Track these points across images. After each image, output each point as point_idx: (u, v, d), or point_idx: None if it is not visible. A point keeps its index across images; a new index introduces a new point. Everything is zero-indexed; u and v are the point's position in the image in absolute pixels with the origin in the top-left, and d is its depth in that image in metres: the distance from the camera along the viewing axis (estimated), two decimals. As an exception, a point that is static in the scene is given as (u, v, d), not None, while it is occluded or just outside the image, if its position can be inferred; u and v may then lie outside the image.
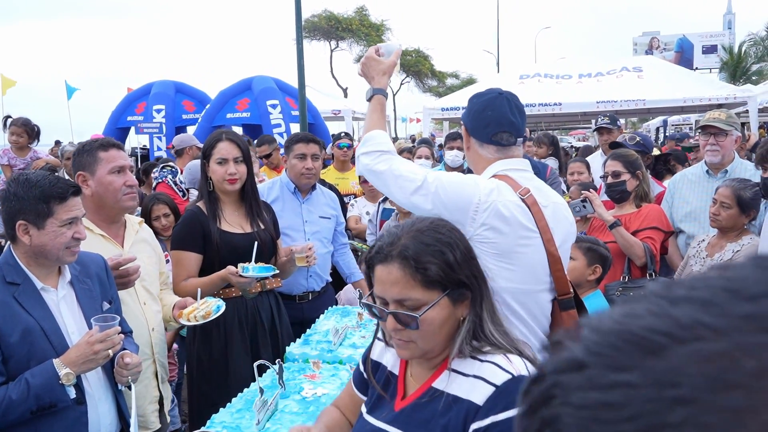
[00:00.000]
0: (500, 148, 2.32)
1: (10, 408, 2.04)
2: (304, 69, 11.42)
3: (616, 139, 5.22)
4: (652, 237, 3.72)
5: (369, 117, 2.53)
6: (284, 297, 3.72)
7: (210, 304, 2.84)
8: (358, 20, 36.38)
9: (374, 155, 2.33)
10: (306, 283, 3.85)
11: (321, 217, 4.02)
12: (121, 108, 15.70)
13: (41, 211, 2.19)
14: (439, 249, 1.50)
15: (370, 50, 2.62)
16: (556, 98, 12.29)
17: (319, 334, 3.30)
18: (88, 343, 2.16)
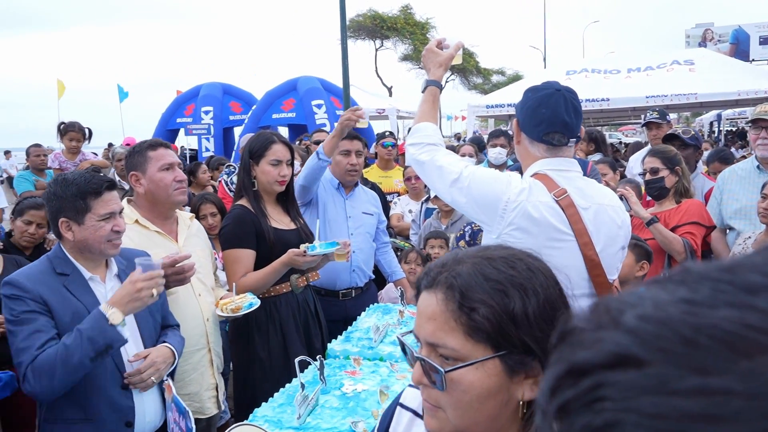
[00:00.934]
0: (551, 147, 2.26)
1: (68, 355, 2.11)
2: (348, 69, 11.49)
3: (665, 134, 5.10)
4: (692, 232, 3.62)
5: (420, 108, 2.56)
6: (327, 293, 3.78)
7: (244, 299, 2.91)
8: (402, 19, 36.33)
9: (420, 146, 2.39)
10: (349, 278, 3.90)
11: (364, 213, 4.08)
12: (171, 110, 16.09)
13: (79, 208, 2.32)
14: (502, 289, 1.04)
15: (432, 42, 2.64)
16: (604, 93, 12.04)
17: (361, 331, 3.33)
18: (131, 282, 2.24)
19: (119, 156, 6.96)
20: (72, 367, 2.11)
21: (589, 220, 2.18)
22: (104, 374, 2.30)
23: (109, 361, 2.31)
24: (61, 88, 19.17)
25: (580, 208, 2.18)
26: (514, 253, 1.11)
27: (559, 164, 2.26)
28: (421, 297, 1.12)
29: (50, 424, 2.28)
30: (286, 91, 14.14)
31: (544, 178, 2.22)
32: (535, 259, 1.11)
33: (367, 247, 4.05)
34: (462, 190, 2.25)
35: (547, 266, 1.12)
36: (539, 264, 1.11)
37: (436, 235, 4.77)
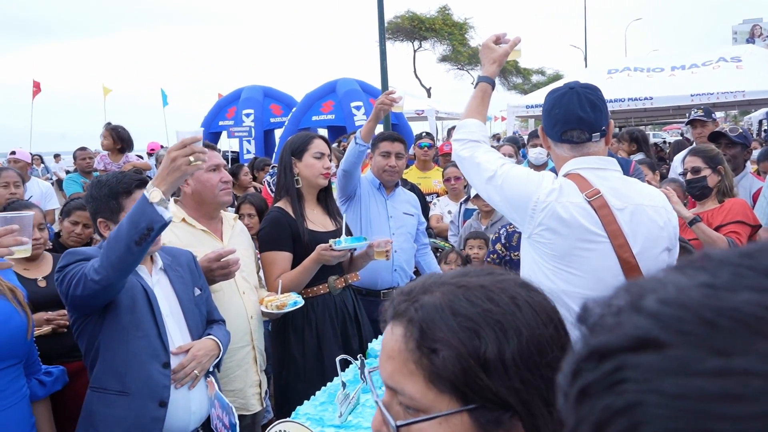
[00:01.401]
0: (573, 146, 2.24)
1: (116, 241, 2.13)
2: (387, 70, 11.54)
3: (710, 132, 4.98)
4: (737, 231, 3.52)
5: (468, 103, 2.58)
6: (369, 292, 3.81)
7: (289, 297, 2.95)
8: (441, 20, 36.25)
9: (462, 142, 2.42)
10: (391, 277, 3.92)
11: (405, 214, 4.11)
12: (213, 113, 16.38)
13: (113, 207, 2.42)
14: (472, 327, 0.82)
15: (490, 37, 2.62)
16: (646, 92, 11.83)
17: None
18: (166, 156, 2.23)
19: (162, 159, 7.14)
20: (120, 254, 2.12)
21: (625, 221, 2.12)
22: (147, 349, 2.34)
23: (153, 338, 2.36)
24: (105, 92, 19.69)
25: (615, 209, 2.12)
26: (498, 281, 0.87)
27: (592, 162, 2.22)
28: (385, 330, 0.90)
29: (93, 391, 2.35)
30: (325, 93, 14.25)
31: (577, 177, 2.19)
32: (526, 289, 0.88)
33: (408, 247, 4.08)
34: (496, 188, 2.27)
35: (542, 298, 0.89)
36: (531, 295, 0.87)
37: (476, 236, 4.76)
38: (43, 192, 6.19)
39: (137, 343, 2.32)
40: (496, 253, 4.44)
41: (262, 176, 7.16)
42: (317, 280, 3.23)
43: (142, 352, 2.33)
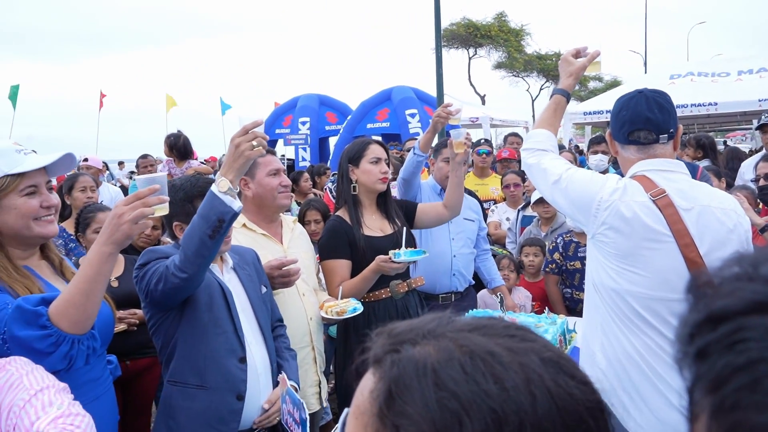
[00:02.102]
0: (641, 147, 2.26)
1: (191, 237, 2.21)
2: (442, 77, 11.58)
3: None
4: (810, 239, 3.41)
5: (541, 114, 2.67)
6: (428, 296, 3.83)
7: (349, 304, 3.00)
8: (497, 26, 36.07)
9: (530, 151, 2.51)
10: (449, 282, 3.94)
11: (465, 219, 4.11)
12: (270, 121, 16.66)
13: (189, 210, 2.47)
14: (456, 410, 0.57)
15: (570, 50, 2.67)
16: (711, 98, 11.52)
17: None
18: (230, 142, 2.30)
19: (224, 166, 7.34)
20: (196, 248, 2.19)
21: (692, 221, 2.11)
22: (225, 345, 2.44)
23: (231, 335, 2.45)
24: (170, 102, 20.31)
25: (681, 209, 2.13)
26: (518, 351, 0.61)
27: (659, 164, 2.23)
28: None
29: (171, 385, 2.43)
30: (380, 101, 14.37)
31: (643, 178, 2.22)
32: (557, 369, 0.61)
33: (467, 252, 4.09)
34: (561, 191, 2.33)
35: (578, 388, 0.60)
36: (560, 381, 0.60)
37: (532, 242, 4.73)
38: (113, 196, 6.47)
39: (216, 340, 2.42)
40: (554, 263, 4.41)
41: (322, 182, 7.27)
42: (379, 284, 3.26)
43: (220, 348, 2.42)
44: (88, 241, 3.66)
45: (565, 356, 0.63)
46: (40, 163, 2.05)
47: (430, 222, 3.59)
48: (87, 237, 3.68)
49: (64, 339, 1.85)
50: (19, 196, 2.01)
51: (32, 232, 2.05)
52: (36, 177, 2.05)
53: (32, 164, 2.03)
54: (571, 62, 2.61)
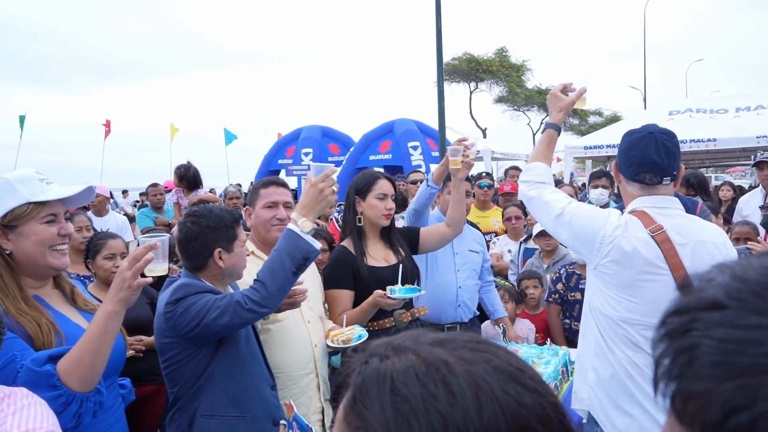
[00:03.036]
0: (644, 186, 2.41)
1: (274, 274, 2.34)
2: (444, 111, 11.71)
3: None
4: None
5: (536, 148, 2.81)
6: (433, 326, 3.86)
7: (354, 331, 3.04)
8: (498, 61, 36.51)
9: (530, 184, 2.63)
10: (455, 312, 3.99)
11: (470, 251, 4.19)
12: (273, 152, 16.85)
13: (230, 236, 2.55)
14: (406, 413, 0.62)
15: (558, 86, 2.81)
16: (710, 134, 11.64)
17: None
18: (312, 186, 2.46)
19: (230, 194, 7.42)
20: (281, 284, 2.34)
21: (686, 255, 2.28)
22: (261, 375, 2.53)
23: (263, 364, 2.56)
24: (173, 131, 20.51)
25: (677, 244, 2.29)
26: (470, 361, 0.66)
27: (657, 202, 2.40)
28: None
29: (206, 419, 2.44)
30: (382, 134, 14.52)
31: (642, 214, 2.37)
32: (512, 381, 0.65)
33: (472, 284, 4.14)
34: (564, 224, 2.47)
35: (531, 398, 0.64)
36: (509, 390, 0.64)
37: (530, 275, 4.80)
38: (119, 225, 6.55)
39: (254, 371, 2.51)
40: (557, 293, 4.47)
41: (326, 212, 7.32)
42: (384, 313, 3.31)
43: (258, 377, 2.52)
44: (97, 267, 3.72)
45: (523, 367, 0.67)
46: (62, 194, 2.12)
47: (435, 243, 3.65)
48: (97, 263, 3.73)
49: (74, 398, 1.89)
50: (39, 224, 2.07)
51: (46, 261, 2.09)
52: (56, 206, 2.12)
53: (55, 194, 2.10)
54: (560, 98, 2.76)
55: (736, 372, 0.45)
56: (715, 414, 0.46)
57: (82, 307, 2.24)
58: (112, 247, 3.75)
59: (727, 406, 0.45)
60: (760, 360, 0.44)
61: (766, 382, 0.44)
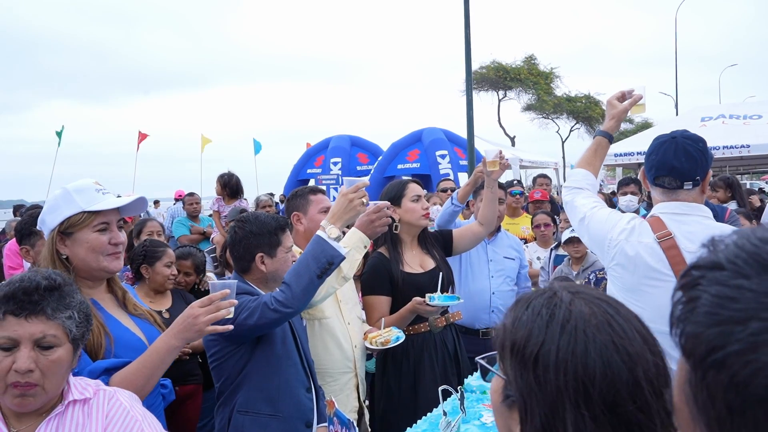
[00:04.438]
0: (665, 190, 2.45)
1: (298, 275, 2.48)
2: (473, 119, 11.72)
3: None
4: None
5: (583, 154, 2.88)
6: (468, 331, 3.97)
7: (391, 333, 3.15)
8: (526, 69, 36.36)
9: (568, 189, 2.74)
10: (488, 317, 4.11)
11: (505, 258, 4.31)
12: (302, 161, 16.99)
13: (273, 242, 2.72)
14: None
15: (615, 93, 2.82)
16: (743, 140, 11.54)
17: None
18: (342, 196, 2.64)
19: (263, 203, 7.59)
20: (305, 286, 2.47)
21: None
22: (296, 376, 2.65)
23: (299, 366, 2.66)
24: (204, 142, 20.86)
25: (686, 251, 2.31)
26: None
27: (675, 208, 2.42)
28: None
29: (242, 415, 2.59)
30: (411, 142, 14.59)
31: (655, 220, 2.42)
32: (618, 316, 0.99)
33: (507, 290, 4.24)
34: (585, 228, 2.59)
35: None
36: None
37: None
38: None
39: (288, 371, 2.63)
40: (586, 299, 4.51)
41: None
42: (418, 318, 3.41)
43: (292, 378, 2.64)
44: (155, 272, 3.81)
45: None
46: (114, 204, 2.26)
47: (469, 243, 3.76)
48: (155, 268, 3.81)
49: None
50: (91, 232, 2.21)
51: (99, 265, 2.23)
52: (109, 215, 2.25)
53: (107, 204, 2.24)
54: (614, 105, 2.78)
55: (719, 320, 0.58)
56: (701, 351, 0.59)
57: (132, 312, 2.37)
58: (171, 256, 3.90)
59: (709, 346, 0.58)
60: (735, 313, 0.57)
61: (737, 330, 0.56)
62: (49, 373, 1.69)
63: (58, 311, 1.71)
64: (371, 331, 3.24)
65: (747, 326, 0.56)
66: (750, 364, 0.55)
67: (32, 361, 1.66)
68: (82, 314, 1.78)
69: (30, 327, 1.67)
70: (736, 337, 0.56)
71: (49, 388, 1.70)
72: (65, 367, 1.74)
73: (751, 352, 0.55)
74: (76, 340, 1.76)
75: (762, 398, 0.55)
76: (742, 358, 0.56)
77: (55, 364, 1.70)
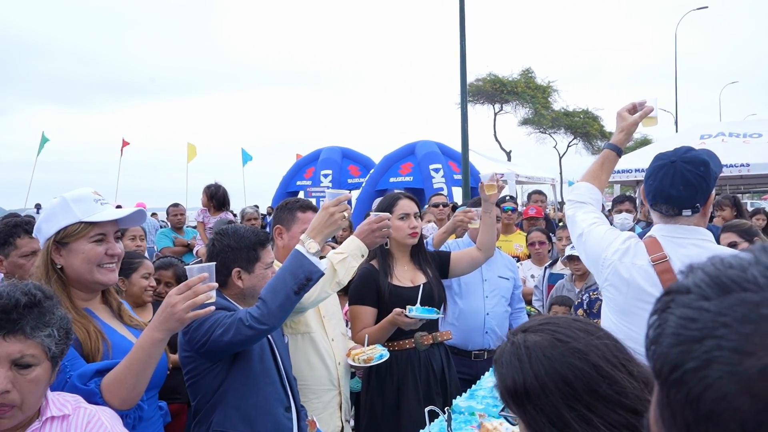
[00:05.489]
0: (662, 215, 2.43)
1: (275, 292, 2.46)
2: (467, 133, 11.75)
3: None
4: None
5: (588, 168, 2.83)
6: (460, 352, 3.98)
7: (375, 351, 3.16)
8: (523, 82, 36.57)
9: (570, 203, 2.74)
10: (482, 339, 4.10)
11: (500, 277, 4.30)
12: (291, 173, 17.04)
13: (251, 257, 2.71)
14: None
15: (626, 104, 2.75)
16: (743, 158, 11.66)
17: (485, 389, 3.46)
18: (323, 209, 2.63)
19: (248, 216, 7.58)
20: (281, 302, 2.44)
21: None
22: (274, 395, 2.63)
23: (278, 385, 2.65)
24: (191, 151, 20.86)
25: (680, 275, 2.25)
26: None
27: (673, 231, 2.39)
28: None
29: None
30: (404, 155, 14.66)
31: (652, 241, 2.42)
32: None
33: (501, 311, 4.24)
34: (582, 244, 2.59)
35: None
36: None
37: (561, 302, 4.83)
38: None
39: (266, 389, 2.62)
40: (578, 319, 4.51)
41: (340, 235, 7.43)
42: (404, 334, 3.42)
43: (270, 397, 2.63)
44: (131, 284, 3.78)
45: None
46: (113, 215, 2.26)
47: (466, 267, 3.78)
48: (132, 280, 3.78)
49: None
50: (87, 242, 2.22)
51: (93, 277, 2.24)
52: (106, 226, 2.26)
53: (106, 216, 2.24)
54: (624, 117, 2.72)
55: (681, 340, 0.63)
56: (666, 370, 0.64)
57: (128, 323, 2.39)
58: (149, 268, 3.86)
59: (671, 365, 0.64)
60: (694, 333, 0.62)
61: (694, 348, 0.61)
62: (27, 393, 1.68)
63: (37, 329, 1.70)
64: (355, 348, 3.25)
65: (702, 344, 0.61)
66: (702, 380, 0.60)
67: (9, 381, 1.65)
68: (62, 331, 1.77)
69: (7, 346, 1.65)
70: (693, 355, 0.61)
71: (26, 407, 1.70)
72: (43, 386, 1.73)
73: (704, 368, 0.60)
74: (55, 358, 1.75)
75: (711, 412, 0.59)
76: (696, 374, 0.61)
77: (32, 384, 1.69)
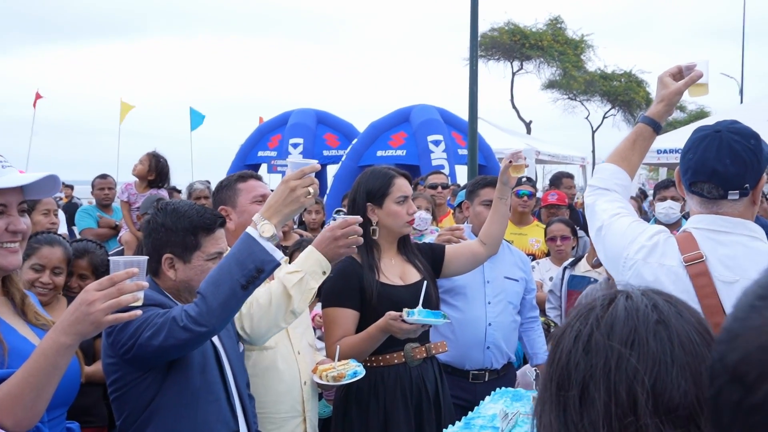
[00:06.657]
0: (703, 200, 2.39)
1: (217, 285, 2.39)
2: (477, 96, 11.61)
3: None
4: None
5: (618, 144, 2.81)
6: (455, 371, 4.01)
7: (348, 366, 3.15)
8: (550, 35, 36.34)
9: (592, 189, 2.74)
10: (482, 357, 4.09)
11: (507, 278, 4.29)
12: (252, 141, 16.87)
13: (189, 244, 2.68)
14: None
15: (670, 68, 2.69)
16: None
17: (484, 418, 3.49)
18: (283, 183, 2.53)
19: (197, 193, 7.54)
20: (224, 299, 2.37)
21: (730, 298, 2.19)
22: (217, 416, 2.64)
23: (223, 403, 2.65)
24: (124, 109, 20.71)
25: (719, 281, 2.27)
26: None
27: (713, 223, 2.36)
28: None
29: None
30: (396, 123, 14.50)
31: (686, 237, 2.39)
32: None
33: (508, 321, 4.23)
34: (601, 239, 2.60)
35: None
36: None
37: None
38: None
39: (207, 408, 2.62)
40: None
41: (315, 220, 7.43)
42: (392, 345, 3.39)
43: (211, 418, 2.63)
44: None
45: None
46: (16, 181, 2.18)
47: (464, 265, 3.76)
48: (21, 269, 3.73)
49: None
50: None
51: None
52: (8, 195, 2.17)
53: (7, 182, 2.16)
54: (667, 84, 2.65)
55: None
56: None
57: (32, 321, 2.36)
58: (46, 257, 3.65)
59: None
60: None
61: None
62: None
63: None
64: (323, 363, 3.24)
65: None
66: None
67: None
68: None
69: None
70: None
71: None
72: None
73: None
74: None
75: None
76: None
77: None
